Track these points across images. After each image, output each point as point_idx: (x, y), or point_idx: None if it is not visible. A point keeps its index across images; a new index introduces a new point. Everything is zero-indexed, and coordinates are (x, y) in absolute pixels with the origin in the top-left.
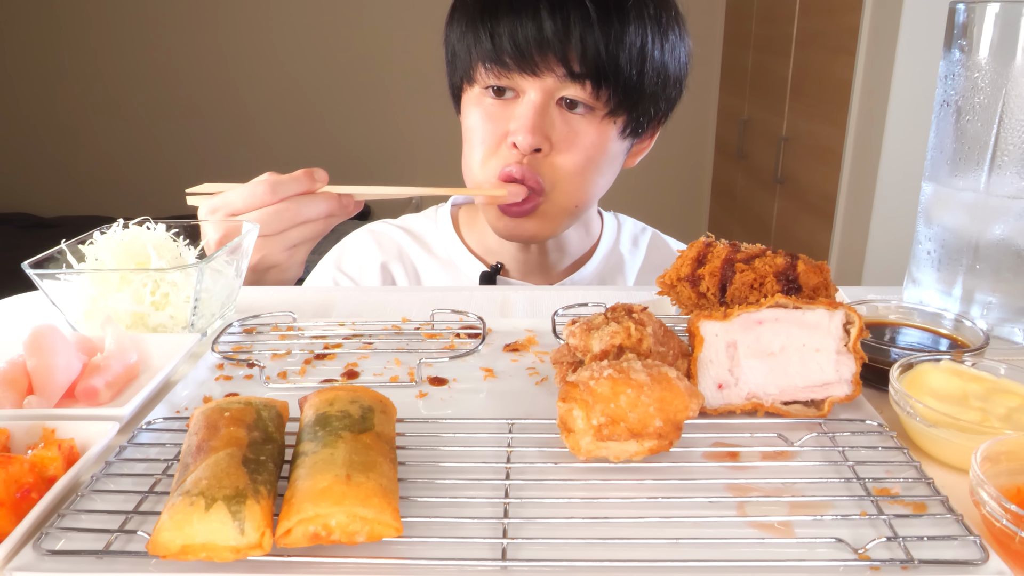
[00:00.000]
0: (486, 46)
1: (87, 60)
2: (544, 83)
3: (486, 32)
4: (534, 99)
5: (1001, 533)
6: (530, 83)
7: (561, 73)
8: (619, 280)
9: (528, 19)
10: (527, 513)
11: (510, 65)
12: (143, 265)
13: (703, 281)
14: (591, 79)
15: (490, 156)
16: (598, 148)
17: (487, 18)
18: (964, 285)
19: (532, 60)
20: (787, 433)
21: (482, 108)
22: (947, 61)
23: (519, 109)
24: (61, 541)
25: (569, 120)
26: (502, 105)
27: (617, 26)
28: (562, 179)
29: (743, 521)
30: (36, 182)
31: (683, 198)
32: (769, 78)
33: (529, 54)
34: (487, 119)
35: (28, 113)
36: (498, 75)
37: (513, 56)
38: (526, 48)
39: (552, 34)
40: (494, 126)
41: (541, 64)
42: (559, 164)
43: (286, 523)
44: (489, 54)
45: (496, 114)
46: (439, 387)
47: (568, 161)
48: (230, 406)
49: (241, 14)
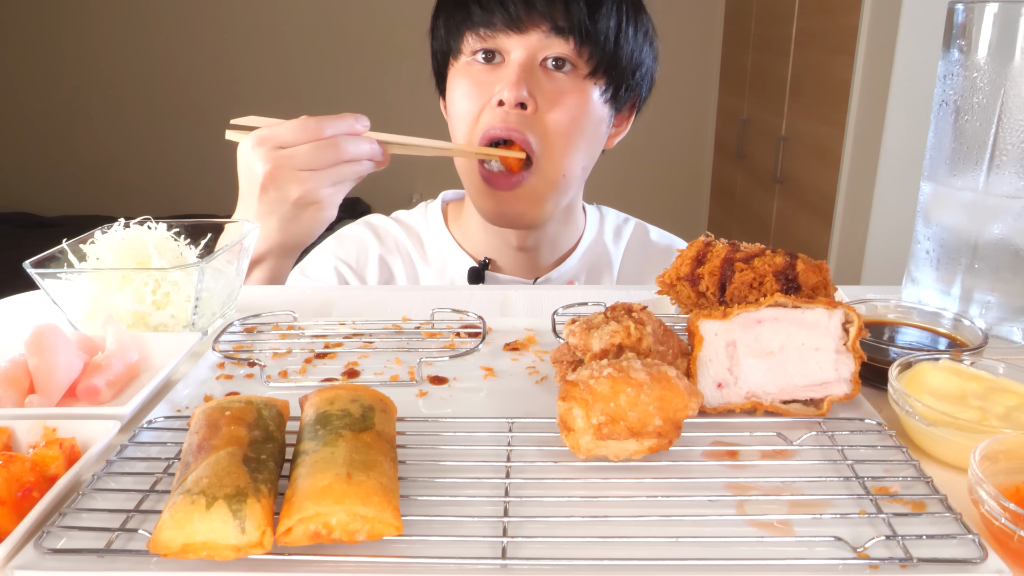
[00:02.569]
0: (474, 11)
1: (88, 60)
2: (528, 40)
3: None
4: (519, 57)
5: (1000, 532)
6: (515, 42)
7: (546, 28)
8: (604, 271)
9: None
10: (527, 512)
11: (497, 24)
12: (144, 264)
13: (702, 280)
14: (574, 34)
15: (476, 121)
16: (582, 107)
17: None
18: (963, 284)
19: (519, 17)
20: (786, 432)
21: (469, 76)
22: (946, 61)
23: (504, 71)
24: (62, 540)
25: (554, 78)
26: (489, 70)
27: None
28: (550, 137)
29: (742, 520)
30: (37, 182)
31: (682, 198)
32: (768, 78)
33: (516, 12)
34: (474, 85)
35: (29, 113)
36: (484, 37)
37: (501, 15)
38: (512, 6)
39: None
40: (480, 91)
41: (527, 20)
42: (546, 121)
43: (287, 522)
44: (478, 17)
45: (483, 79)
46: (439, 386)
47: (554, 119)
48: (231, 405)
49: (243, 14)
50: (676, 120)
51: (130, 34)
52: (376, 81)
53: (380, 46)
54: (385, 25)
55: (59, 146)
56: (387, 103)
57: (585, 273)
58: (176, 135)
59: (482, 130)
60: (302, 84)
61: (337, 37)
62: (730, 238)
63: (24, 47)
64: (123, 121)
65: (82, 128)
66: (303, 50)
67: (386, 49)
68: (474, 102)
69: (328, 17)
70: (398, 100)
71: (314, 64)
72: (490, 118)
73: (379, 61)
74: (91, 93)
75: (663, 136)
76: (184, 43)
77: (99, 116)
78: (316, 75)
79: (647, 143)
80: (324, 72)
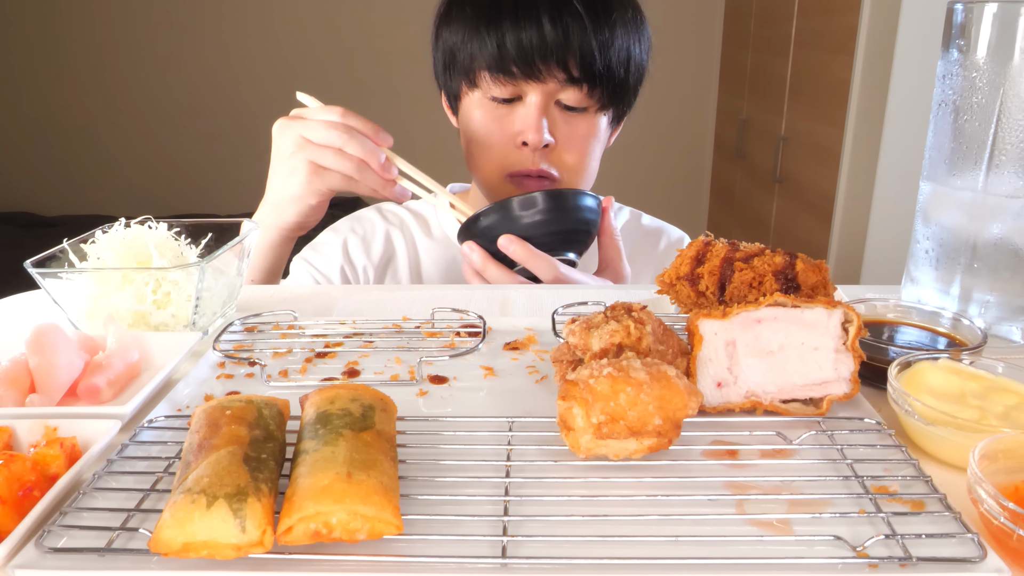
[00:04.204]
0: (492, 54)
1: (89, 59)
2: (546, 87)
3: (492, 41)
4: (537, 101)
5: (999, 531)
6: (533, 88)
7: (562, 78)
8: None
9: (531, 27)
10: (527, 511)
11: (516, 74)
12: (145, 264)
13: (702, 280)
14: (588, 82)
15: (500, 157)
16: (595, 139)
17: (492, 27)
18: (962, 284)
19: (536, 67)
20: (786, 431)
21: (487, 112)
22: (945, 61)
23: (523, 111)
24: (63, 539)
25: (568, 119)
26: (508, 109)
27: (607, 33)
28: (568, 170)
29: (742, 519)
30: (38, 181)
31: (682, 197)
32: (768, 78)
33: (533, 62)
34: (495, 122)
35: (30, 112)
36: (504, 83)
37: (519, 64)
38: (530, 56)
39: (553, 42)
40: (501, 129)
41: (544, 71)
42: (564, 159)
43: (287, 521)
44: (496, 63)
45: (502, 117)
46: (439, 385)
47: (571, 156)
48: (231, 404)
49: (244, 13)
50: (676, 120)
51: (131, 34)
52: (379, 82)
53: (383, 47)
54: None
55: (60, 146)
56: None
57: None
58: (177, 135)
59: (509, 169)
60: (303, 84)
61: (339, 38)
62: (730, 237)
63: (25, 47)
64: (124, 121)
65: (83, 128)
66: (305, 50)
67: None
68: (495, 138)
69: (330, 17)
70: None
71: (316, 64)
72: (517, 158)
73: (382, 62)
74: (92, 93)
75: (663, 136)
76: (186, 43)
77: (100, 116)
78: (318, 75)
79: (647, 143)
80: (326, 72)
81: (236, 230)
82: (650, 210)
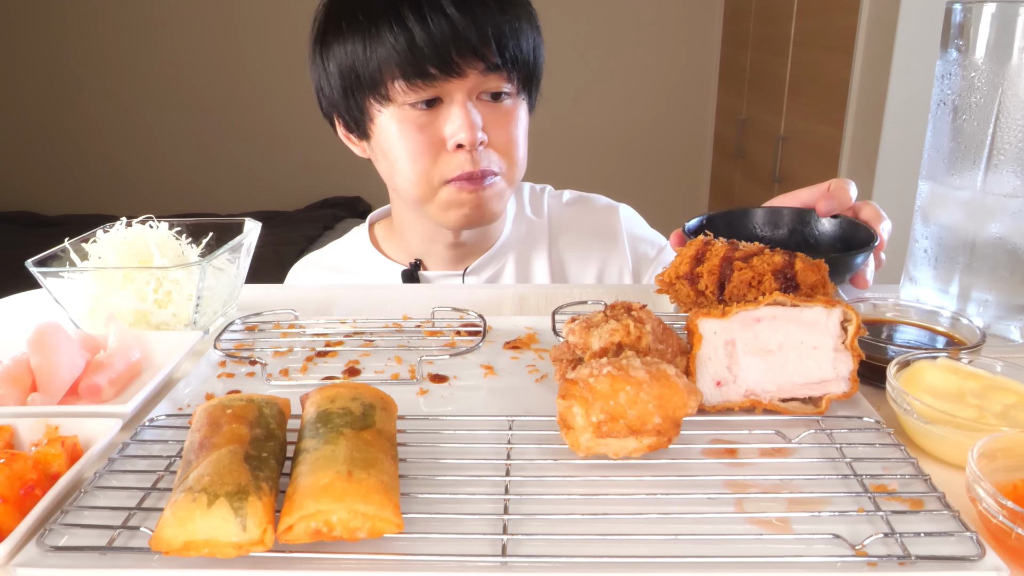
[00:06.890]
0: (403, 57)
1: (90, 59)
2: (467, 82)
3: (400, 41)
4: (461, 98)
5: (997, 529)
6: (454, 85)
7: (481, 68)
8: (538, 245)
9: (439, 18)
10: (527, 509)
11: (434, 74)
12: (146, 263)
13: (701, 279)
14: (506, 68)
15: (432, 165)
16: (520, 125)
17: (396, 27)
18: (961, 283)
19: (454, 63)
20: (785, 430)
21: (409, 123)
22: (944, 61)
23: (448, 112)
24: (64, 537)
25: (493, 109)
26: (431, 114)
27: (512, 14)
28: (507, 164)
29: (741, 517)
30: (40, 181)
31: (682, 197)
32: (767, 78)
33: (449, 57)
34: (419, 131)
35: (32, 112)
36: (422, 87)
37: (435, 62)
38: (446, 51)
39: (466, 30)
40: (428, 136)
41: (462, 64)
42: (499, 146)
43: (288, 519)
44: (410, 66)
45: (427, 124)
46: (440, 384)
47: (504, 143)
48: (232, 403)
49: (245, 14)
50: (675, 120)
51: (133, 33)
52: None
53: None
54: None
55: (61, 145)
56: None
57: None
58: (178, 134)
59: (446, 177)
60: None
61: None
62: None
63: (27, 46)
64: (125, 120)
65: (84, 127)
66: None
67: None
68: (423, 148)
69: None
70: None
71: None
72: (453, 163)
73: None
74: (93, 92)
75: (662, 135)
76: (187, 43)
77: (101, 115)
78: None
79: (646, 143)
80: None
81: (237, 229)
82: (650, 210)
